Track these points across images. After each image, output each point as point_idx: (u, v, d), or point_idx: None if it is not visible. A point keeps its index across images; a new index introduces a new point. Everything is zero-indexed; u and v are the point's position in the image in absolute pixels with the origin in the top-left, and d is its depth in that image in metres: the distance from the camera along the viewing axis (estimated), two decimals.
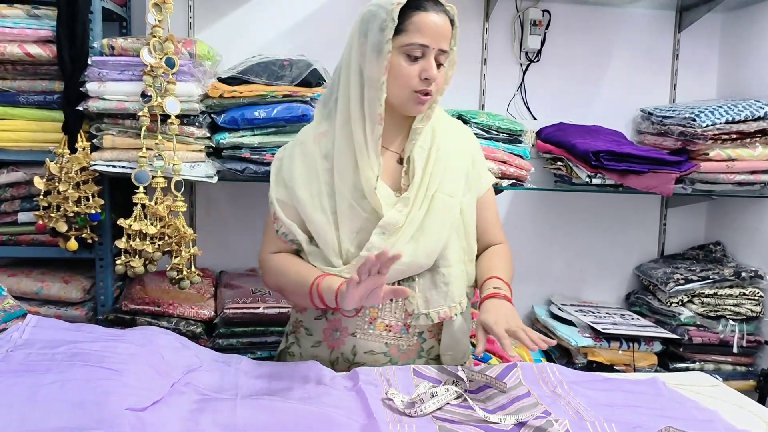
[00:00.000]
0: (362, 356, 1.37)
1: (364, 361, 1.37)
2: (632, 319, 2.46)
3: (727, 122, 2.27)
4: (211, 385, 1.16)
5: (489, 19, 2.56)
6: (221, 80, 2.01)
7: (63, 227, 1.88)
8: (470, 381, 1.26)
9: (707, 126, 2.25)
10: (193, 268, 1.90)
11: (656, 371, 2.31)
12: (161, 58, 1.82)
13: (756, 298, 2.40)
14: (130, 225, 1.81)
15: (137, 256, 1.83)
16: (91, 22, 1.89)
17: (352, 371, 1.30)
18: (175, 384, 1.11)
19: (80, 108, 1.86)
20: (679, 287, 2.41)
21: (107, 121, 1.89)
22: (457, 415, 1.13)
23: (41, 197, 1.89)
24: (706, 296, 2.40)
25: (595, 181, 2.28)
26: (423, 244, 1.32)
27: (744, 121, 2.28)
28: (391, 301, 1.36)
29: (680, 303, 2.41)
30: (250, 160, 2.02)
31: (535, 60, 2.61)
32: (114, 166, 1.89)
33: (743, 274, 2.42)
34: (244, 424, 1.02)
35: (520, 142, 2.23)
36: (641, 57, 2.68)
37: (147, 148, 1.84)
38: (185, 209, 1.87)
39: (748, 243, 2.56)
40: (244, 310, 2.07)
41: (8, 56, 1.87)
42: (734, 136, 2.30)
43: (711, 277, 2.42)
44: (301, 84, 2.02)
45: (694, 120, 2.27)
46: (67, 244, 1.92)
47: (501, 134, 2.20)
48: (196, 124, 1.94)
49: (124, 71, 1.86)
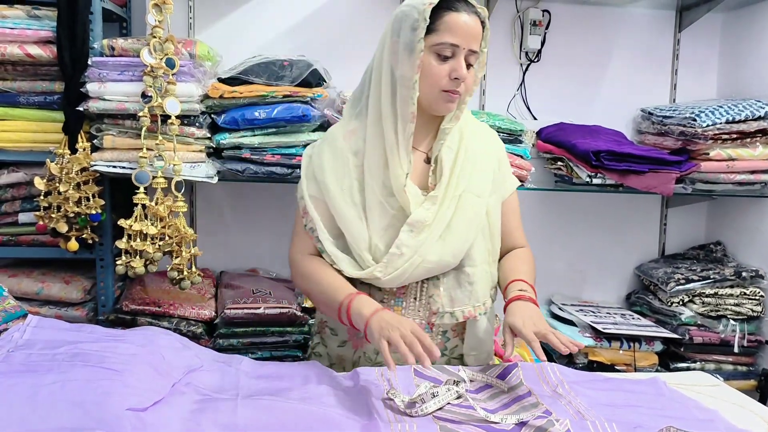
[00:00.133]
0: None
1: None
2: (633, 318, 2.46)
3: (727, 122, 2.27)
4: (211, 385, 1.16)
5: (489, 19, 2.54)
6: (221, 80, 2.01)
7: (63, 228, 1.88)
8: (471, 381, 1.26)
9: (707, 126, 2.25)
10: (193, 269, 1.91)
11: (657, 371, 2.31)
12: (161, 59, 1.82)
13: (757, 297, 2.40)
14: (131, 225, 1.81)
15: (138, 257, 1.83)
16: (91, 22, 1.88)
17: (352, 371, 1.30)
18: (175, 384, 1.11)
19: (80, 108, 1.86)
20: (680, 287, 2.41)
21: (107, 121, 1.89)
22: (458, 415, 1.13)
23: (42, 198, 1.89)
24: (707, 296, 2.40)
25: (595, 181, 2.28)
26: (450, 243, 1.33)
27: (744, 121, 2.28)
28: (415, 299, 1.37)
29: (681, 303, 2.41)
30: (250, 161, 2.02)
31: (535, 60, 2.61)
32: (114, 167, 1.89)
33: (744, 274, 2.42)
34: (245, 425, 1.02)
35: (521, 142, 2.23)
36: (641, 57, 2.67)
37: (147, 149, 1.84)
38: (186, 209, 1.88)
39: (749, 243, 2.56)
40: (245, 311, 2.07)
41: (8, 57, 1.87)
42: (734, 136, 2.30)
43: (712, 276, 2.42)
44: (302, 84, 2.02)
45: (695, 120, 2.27)
46: (67, 244, 1.92)
47: (501, 134, 2.17)
48: (197, 124, 1.94)
49: (124, 72, 1.86)
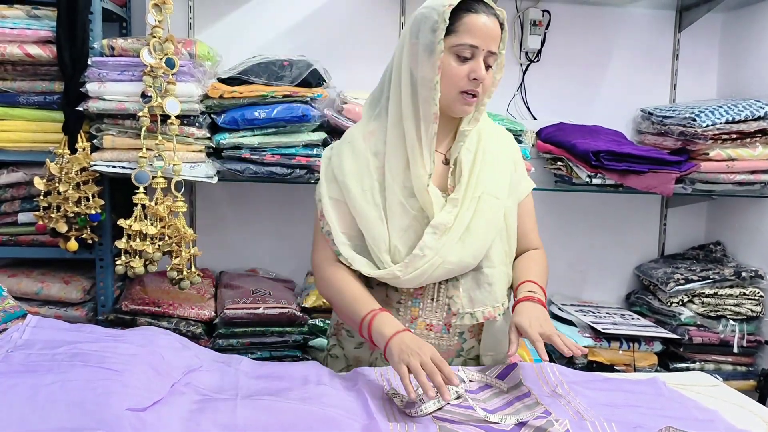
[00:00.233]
0: None
1: None
2: (632, 319, 2.46)
3: (727, 122, 2.27)
4: (211, 385, 1.16)
5: None
6: (221, 80, 2.01)
7: (63, 228, 1.88)
8: (470, 381, 1.26)
9: (707, 126, 2.25)
10: (193, 269, 1.91)
11: (656, 371, 2.31)
12: (161, 59, 1.82)
13: (756, 297, 2.40)
14: (131, 225, 1.81)
15: (137, 257, 1.83)
16: (91, 22, 1.89)
17: (352, 371, 1.30)
18: (175, 384, 1.11)
19: (80, 108, 1.86)
20: (680, 287, 2.41)
21: (107, 121, 1.89)
22: (458, 415, 1.13)
23: (41, 198, 1.89)
24: (707, 296, 2.39)
25: (595, 181, 2.28)
26: (470, 245, 1.33)
27: (744, 121, 2.28)
28: (432, 300, 1.37)
29: (680, 303, 2.41)
30: (250, 161, 2.02)
31: (535, 60, 2.61)
32: (114, 167, 1.89)
33: (743, 274, 2.42)
34: (245, 425, 1.02)
35: (520, 142, 2.23)
36: (641, 57, 2.67)
37: (147, 149, 1.84)
38: (185, 209, 1.88)
39: (749, 243, 2.56)
40: (244, 311, 2.07)
41: (8, 57, 1.87)
42: (734, 136, 2.30)
43: (711, 277, 2.42)
44: (301, 84, 2.02)
45: (695, 120, 2.27)
46: (67, 244, 1.92)
47: None
48: (196, 124, 1.94)
49: (124, 72, 1.86)
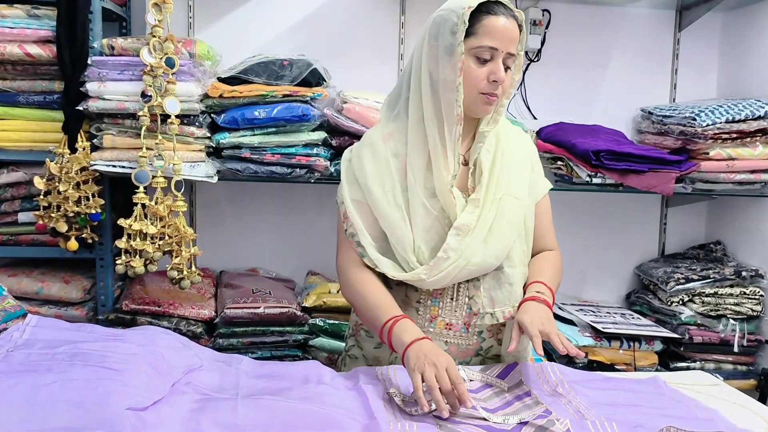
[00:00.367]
0: None
1: None
2: (633, 318, 2.46)
3: (727, 121, 2.26)
4: (211, 384, 1.16)
5: None
6: (221, 80, 2.01)
7: (63, 227, 1.88)
8: (471, 381, 1.26)
9: (707, 125, 2.25)
10: (193, 268, 1.91)
11: (657, 370, 2.31)
12: (161, 58, 1.82)
13: (756, 297, 2.40)
14: (131, 225, 1.81)
15: (138, 256, 1.83)
16: (91, 22, 1.89)
17: (352, 371, 1.30)
18: (175, 384, 1.11)
19: (80, 108, 1.86)
20: (680, 286, 2.41)
21: (107, 121, 1.89)
22: (458, 414, 1.13)
23: (41, 197, 1.89)
24: (707, 295, 2.39)
25: (595, 180, 2.27)
26: (492, 246, 1.34)
27: (744, 121, 2.28)
28: (452, 299, 1.38)
29: (681, 302, 2.41)
30: (250, 160, 2.02)
31: (535, 60, 2.61)
32: (114, 166, 1.89)
33: (744, 274, 2.42)
34: (245, 424, 1.02)
35: None
36: (641, 56, 2.67)
37: (147, 148, 1.84)
38: (185, 209, 1.88)
39: (749, 242, 2.55)
40: (245, 310, 2.07)
41: (8, 56, 1.87)
42: (734, 136, 2.30)
43: (711, 276, 2.42)
44: (301, 84, 2.02)
45: (695, 119, 2.27)
46: (67, 244, 1.92)
47: None
48: (196, 123, 1.94)
49: (124, 71, 1.86)
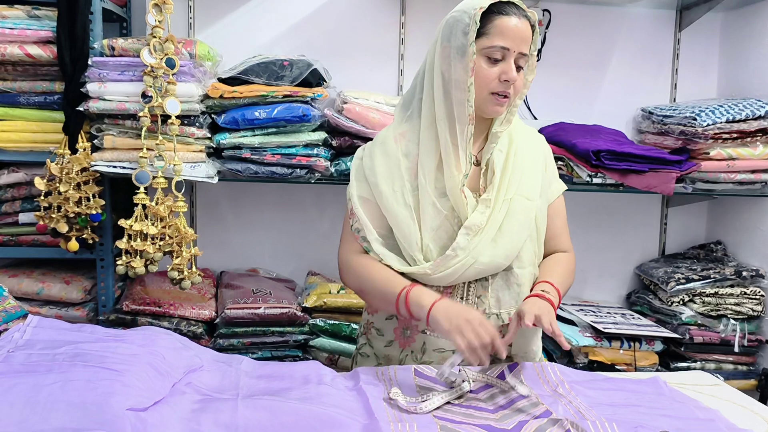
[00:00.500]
0: (431, 354, 1.39)
1: (431, 360, 1.39)
2: (633, 318, 2.46)
3: (727, 121, 2.26)
4: (212, 385, 1.16)
5: None
6: (221, 80, 2.01)
7: (64, 228, 1.88)
8: (471, 381, 1.26)
9: (708, 125, 2.25)
10: (193, 269, 1.91)
11: (657, 371, 2.31)
12: (161, 59, 1.82)
13: (757, 297, 2.40)
14: (131, 225, 1.81)
15: (138, 257, 1.83)
16: (91, 22, 1.89)
17: (353, 371, 1.30)
18: (176, 384, 1.11)
19: (81, 108, 1.86)
20: (680, 286, 2.41)
21: (108, 121, 1.89)
22: (459, 414, 1.13)
23: (42, 198, 1.89)
24: (707, 295, 2.39)
25: (595, 180, 2.27)
26: (502, 246, 1.34)
27: (744, 120, 2.28)
28: (462, 299, 1.38)
29: (681, 302, 2.41)
30: (250, 161, 2.02)
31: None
32: (115, 167, 1.89)
33: (744, 274, 2.42)
34: (245, 425, 1.02)
35: None
36: (641, 56, 2.67)
37: (147, 149, 1.84)
38: (186, 209, 1.88)
39: (749, 242, 2.55)
40: (245, 311, 2.07)
41: (9, 57, 1.87)
42: (735, 135, 2.30)
43: (712, 276, 2.42)
44: (302, 84, 2.02)
45: (695, 119, 2.27)
46: (68, 244, 1.92)
47: None
48: (197, 124, 1.94)
49: (124, 72, 1.86)
